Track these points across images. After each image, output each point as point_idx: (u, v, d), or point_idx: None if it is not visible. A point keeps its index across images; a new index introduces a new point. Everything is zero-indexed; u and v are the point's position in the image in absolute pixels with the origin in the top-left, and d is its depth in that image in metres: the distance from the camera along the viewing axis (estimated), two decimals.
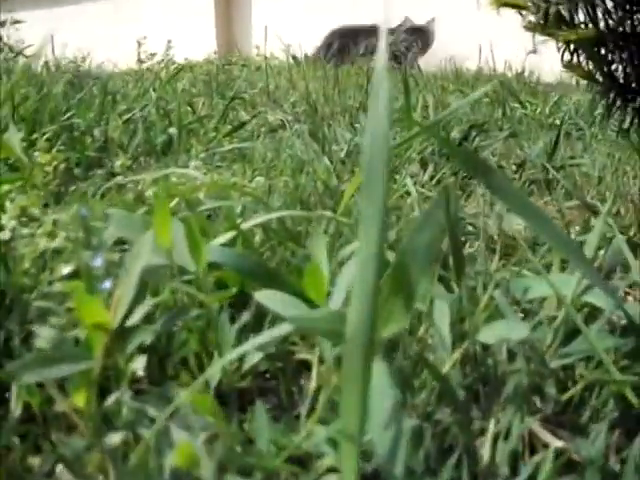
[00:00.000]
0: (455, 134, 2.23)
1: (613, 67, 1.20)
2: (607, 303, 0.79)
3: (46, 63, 3.94)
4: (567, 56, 1.26)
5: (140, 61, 5.62)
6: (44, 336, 0.73)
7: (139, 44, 5.70)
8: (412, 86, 3.45)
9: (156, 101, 2.67)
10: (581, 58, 1.22)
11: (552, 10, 1.11)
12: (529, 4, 1.17)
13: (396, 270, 0.48)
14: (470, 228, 1.36)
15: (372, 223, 0.41)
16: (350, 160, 1.93)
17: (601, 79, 1.20)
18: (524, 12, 1.20)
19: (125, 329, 0.70)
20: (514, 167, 1.99)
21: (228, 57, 6.49)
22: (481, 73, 4.92)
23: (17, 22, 5.69)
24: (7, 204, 1.10)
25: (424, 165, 1.88)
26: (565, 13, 1.14)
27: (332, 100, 3.19)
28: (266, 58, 5.45)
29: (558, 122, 2.71)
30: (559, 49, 1.19)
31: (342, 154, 1.97)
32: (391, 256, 0.93)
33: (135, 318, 0.71)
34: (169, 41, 5.66)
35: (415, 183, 1.62)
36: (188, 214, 1.02)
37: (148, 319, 0.75)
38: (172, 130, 2.29)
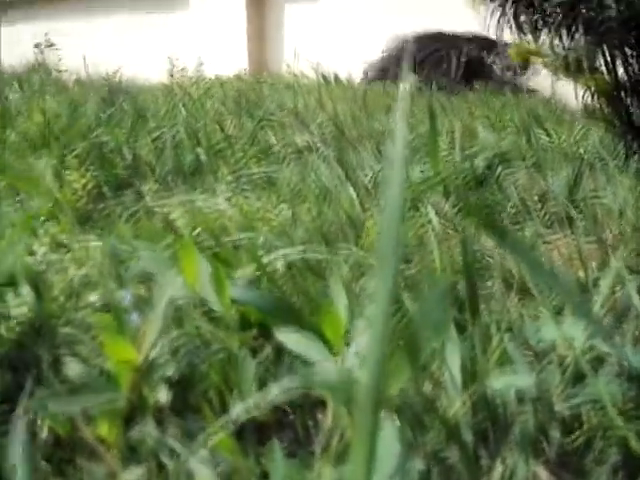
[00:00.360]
0: (479, 162, 2.24)
1: (631, 111, 1.22)
2: (614, 348, 0.81)
3: (78, 80, 4.00)
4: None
5: (171, 76, 5.69)
6: (72, 367, 0.76)
7: (171, 62, 5.77)
8: (439, 111, 3.47)
9: (185, 119, 2.71)
10: (601, 100, 1.24)
11: (572, 58, 1.14)
12: (549, 53, 1.20)
13: (407, 340, 0.51)
14: (490, 260, 1.38)
15: (384, 288, 0.44)
16: (375, 188, 1.94)
17: (618, 124, 1.22)
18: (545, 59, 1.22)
19: (150, 362, 0.73)
20: (536, 199, 2.00)
21: (258, 75, 6.51)
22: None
23: (51, 45, 5.82)
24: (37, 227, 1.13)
25: (447, 194, 1.90)
26: (584, 60, 1.16)
27: (359, 123, 3.21)
28: (295, 76, 5.49)
29: (582, 151, 2.71)
30: (577, 96, 1.22)
31: (367, 180, 1.99)
32: (407, 297, 0.96)
33: (160, 353, 0.74)
34: (200, 58, 5.72)
35: (437, 213, 1.63)
36: (213, 245, 1.06)
37: (173, 352, 0.78)
38: (200, 150, 2.33)
